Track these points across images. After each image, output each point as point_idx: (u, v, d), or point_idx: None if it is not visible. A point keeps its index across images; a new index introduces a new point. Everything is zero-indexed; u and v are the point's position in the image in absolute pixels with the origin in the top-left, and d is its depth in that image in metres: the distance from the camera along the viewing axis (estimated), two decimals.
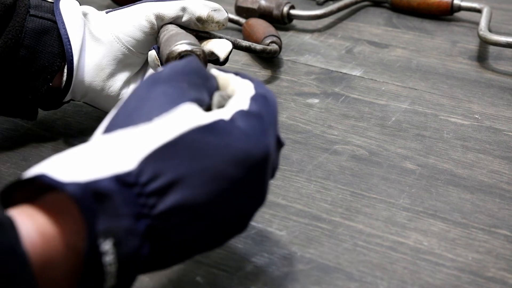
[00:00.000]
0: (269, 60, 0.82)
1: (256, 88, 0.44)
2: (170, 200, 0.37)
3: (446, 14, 0.94)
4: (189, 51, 0.56)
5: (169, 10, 0.62)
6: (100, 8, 0.66)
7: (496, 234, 0.53)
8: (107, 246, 0.35)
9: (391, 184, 0.59)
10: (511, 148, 0.64)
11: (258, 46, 0.75)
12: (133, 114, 0.40)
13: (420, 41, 0.88)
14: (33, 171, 0.36)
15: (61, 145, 0.65)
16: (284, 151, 0.63)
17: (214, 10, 0.64)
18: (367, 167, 0.61)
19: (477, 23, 0.88)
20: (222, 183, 0.38)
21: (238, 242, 0.51)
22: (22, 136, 0.66)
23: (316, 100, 0.73)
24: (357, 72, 0.80)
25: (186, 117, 0.39)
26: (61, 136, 0.66)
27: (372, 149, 0.64)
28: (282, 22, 0.91)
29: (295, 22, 0.93)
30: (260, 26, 0.84)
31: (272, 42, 0.79)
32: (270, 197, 0.56)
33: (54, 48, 0.60)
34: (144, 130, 0.38)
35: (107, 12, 0.64)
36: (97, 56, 0.62)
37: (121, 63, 0.63)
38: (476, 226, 0.54)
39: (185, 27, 0.64)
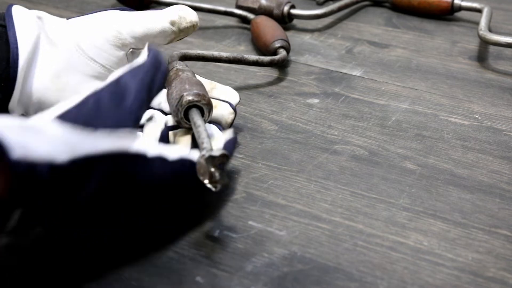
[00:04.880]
0: None
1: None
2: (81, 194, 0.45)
3: (447, 14, 0.94)
4: (196, 101, 0.57)
5: (139, 28, 0.59)
6: (100, 8, 0.66)
7: (496, 234, 0.53)
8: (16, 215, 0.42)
9: (391, 184, 0.59)
10: (511, 148, 0.64)
11: (266, 59, 0.75)
12: (86, 116, 0.45)
13: (420, 41, 0.89)
14: None
15: None
16: (284, 151, 0.63)
17: (182, 10, 0.61)
18: (367, 167, 0.61)
19: (477, 23, 0.88)
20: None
21: (238, 242, 0.51)
22: None
23: (316, 100, 0.73)
24: (357, 72, 0.80)
25: (120, 141, 0.46)
26: None
27: (372, 149, 0.64)
28: (282, 21, 0.91)
29: (295, 22, 0.93)
30: (269, 28, 0.83)
31: (280, 47, 0.79)
32: (270, 197, 0.57)
33: (3, 53, 0.56)
34: (86, 136, 0.44)
35: (68, 19, 0.60)
36: (53, 63, 0.57)
37: (82, 74, 0.59)
38: (476, 226, 0.54)
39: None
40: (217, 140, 0.55)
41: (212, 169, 0.48)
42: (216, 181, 0.49)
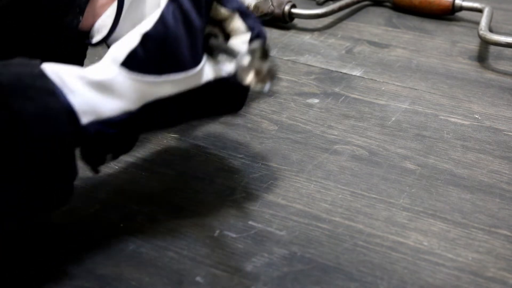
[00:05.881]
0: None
1: None
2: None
3: (448, 14, 0.94)
4: (209, 31, 0.53)
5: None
6: None
7: (496, 234, 0.53)
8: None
9: (391, 184, 0.59)
10: (511, 148, 0.64)
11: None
12: (154, 56, 0.47)
13: (420, 41, 0.89)
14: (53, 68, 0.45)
15: None
16: (284, 151, 0.63)
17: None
18: (367, 167, 0.61)
19: (477, 23, 0.88)
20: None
21: (238, 242, 0.51)
22: None
23: (316, 100, 0.73)
24: (357, 72, 0.80)
25: (186, 80, 0.48)
26: None
27: (372, 149, 0.64)
28: (283, 20, 0.91)
29: (295, 21, 0.93)
30: None
31: None
32: (270, 197, 0.57)
33: None
34: (153, 83, 0.47)
35: None
36: (139, 12, 0.61)
37: None
38: (476, 226, 0.54)
39: None
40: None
41: (257, 65, 0.44)
42: (265, 77, 0.44)
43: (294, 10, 0.91)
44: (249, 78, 0.44)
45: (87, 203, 0.55)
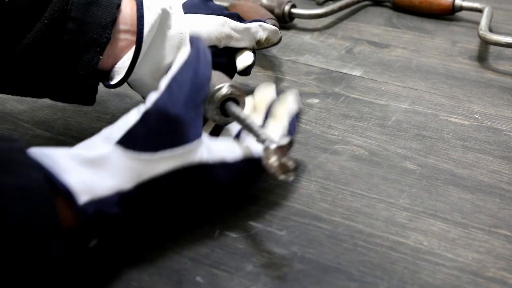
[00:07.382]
0: (268, 60, 0.82)
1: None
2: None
3: (448, 14, 0.94)
4: (230, 94, 0.53)
5: (238, 34, 0.65)
6: None
7: (496, 234, 0.53)
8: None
9: (391, 184, 0.59)
10: (511, 148, 0.64)
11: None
12: (148, 135, 0.46)
13: (420, 41, 0.89)
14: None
15: (61, 145, 0.64)
16: None
17: (272, 33, 0.69)
18: (367, 167, 0.61)
19: (477, 23, 0.88)
20: None
21: (238, 242, 0.51)
22: (22, 136, 0.66)
23: (316, 100, 0.73)
24: (357, 72, 0.80)
25: (182, 157, 0.47)
26: (61, 136, 0.66)
27: (372, 149, 0.64)
28: (283, 21, 0.91)
29: (295, 21, 0.93)
30: (252, 9, 0.82)
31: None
32: (270, 197, 0.57)
33: (102, 19, 0.57)
34: (149, 160, 0.46)
35: (185, 12, 0.62)
36: (160, 54, 0.60)
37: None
38: (476, 226, 0.54)
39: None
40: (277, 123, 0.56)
41: (283, 160, 0.47)
42: (289, 170, 0.47)
43: (294, 10, 0.91)
44: (274, 169, 0.47)
45: None
